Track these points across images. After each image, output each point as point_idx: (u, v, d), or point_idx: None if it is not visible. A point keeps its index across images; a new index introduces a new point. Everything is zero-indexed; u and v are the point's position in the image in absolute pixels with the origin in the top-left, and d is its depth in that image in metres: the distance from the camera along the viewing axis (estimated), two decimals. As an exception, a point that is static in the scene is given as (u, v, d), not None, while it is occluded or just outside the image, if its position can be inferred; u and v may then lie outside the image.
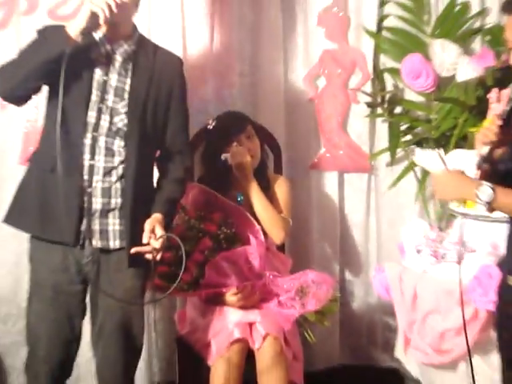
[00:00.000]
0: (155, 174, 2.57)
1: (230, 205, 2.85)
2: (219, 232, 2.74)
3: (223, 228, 2.76)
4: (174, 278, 2.36)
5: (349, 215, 3.49)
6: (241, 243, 2.77)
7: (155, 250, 2.35)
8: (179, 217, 2.72)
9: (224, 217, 2.79)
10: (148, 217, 2.39)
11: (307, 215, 3.41)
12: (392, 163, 3.40)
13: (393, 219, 3.46)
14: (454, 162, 2.20)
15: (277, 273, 2.85)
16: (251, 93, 3.33)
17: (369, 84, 3.37)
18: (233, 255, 2.73)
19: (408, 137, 3.35)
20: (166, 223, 2.42)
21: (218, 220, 2.78)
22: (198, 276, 2.67)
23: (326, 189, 3.45)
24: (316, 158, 3.41)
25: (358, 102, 3.39)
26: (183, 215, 2.76)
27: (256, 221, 2.86)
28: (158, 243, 2.34)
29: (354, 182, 3.47)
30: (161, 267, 2.55)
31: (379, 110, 3.37)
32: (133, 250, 2.36)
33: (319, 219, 3.44)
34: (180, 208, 2.71)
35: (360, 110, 3.40)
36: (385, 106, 3.34)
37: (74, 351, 2.50)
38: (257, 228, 2.84)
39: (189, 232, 2.73)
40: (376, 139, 3.44)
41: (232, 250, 2.73)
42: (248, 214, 2.85)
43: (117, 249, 2.41)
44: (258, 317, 2.73)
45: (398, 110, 3.39)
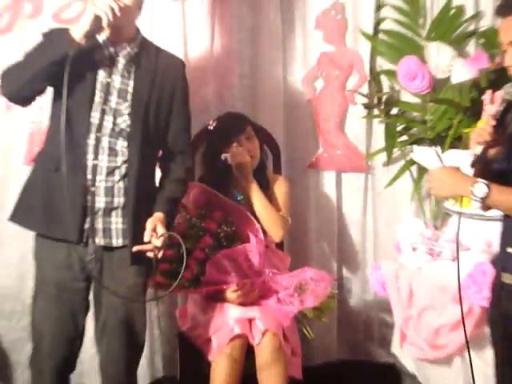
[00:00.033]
0: (158, 174, 2.57)
1: (230, 204, 2.86)
2: (219, 230, 2.75)
3: (223, 226, 2.76)
4: (176, 276, 2.37)
5: (346, 214, 3.50)
6: (241, 241, 2.78)
7: (156, 248, 2.35)
8: (181, 215, 2.73)
9: (224, 215, 2.80)
10: (150, 216, 2.39)
11: (306, 214, 3.41)
12: (388, 163, 3.41)
13: (389, 218, 3.46)
14: (450, 162, 2.20)
15: (276, 270, 2.86)
16: (251, 94, 3.33)
17: (366, 86, 3.37)
18: (233, 253, 2.73)
19: (404, 137, 3.36)
20: (168, 222, 2.42)
21: (219, 218, 2.78)
22: (199, 273, 2.68)
23: (324, 188, 3.45)
24: (314, 158, 3.41)
25: (356, 104, 3.39)
26: (184, 214, 2.77)
27: (255, 219, 2.87)
28: (160, 241, 2.35)
29: (352, 182, 3.47)
30: (162, 265, 2.56)
31: (376, 111, 3.38)
32: (135, 249, 2.36)
33: (317, 218, 3.44)
34: (181, 207, 2.72)
35: (357, 111, 3.40)
36: (381, 107, 3.35)
37: (78, 347, 2.49)
38: (256, 226, 2.84)
39: (190, 230, 2.73)
40: (373, 140, 3.44)
41: (232, 248, 2.74)
42: (248, 213, 2.85)
43: (120, 247, 2.41)
44: (258, 313, 2.73)
45: (395, 111, 3.39)
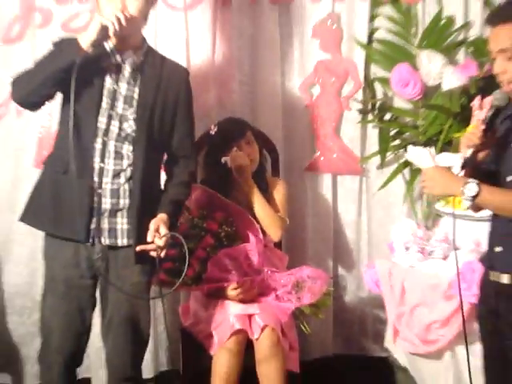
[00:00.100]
0: (163, 177, 2.57)
1: (231, 205, 2.85)
2: (220, 230, 2.75)
3: (224, 226, 2.76)
4: (179, 274, 2.36)
5: (342, 214, 3.49)
6: (241, 241, 2.78)
7: (159, 248, 2.35)
8: (183, 216, 2.72)
9: (225, 216, 2.80)
10: (154, 217, 2.38)
11: (303, 214, 3.41)
12: (382, 166, 3.41)
13: (383, 218, 3.46)
14: (441, 164, 2.20)
15: (274, 268, 2.86)
16: (250, 100, 3.33)
17: (360, 92, 3.37)
18: (233, 252, 2.73)
19: (397, 141, 3.36)
20: (171, 223, 2.41)
21: (220, 219, 2.78)
22: (201, 271, 2.68)
23: (321, 190, 3.45)
24: (311, 161, 3.41)
25: (350, 109, 3.39)
26: (187, 215, 2.76)
27: (255, 220, 2.87)
28: (162, 241, 2.34)
29: (347, 184, 3.47)
30: (166, 263, 2.56)
31: (370, 117, 3.38)
32: (138, 248, 2.36)
33: (314, 218, 3.43)
34: (184, 208, 2.72)
35: (352, 117, 3.40)
36: (375, 113, 3.35)
37: (85, 342, 2.49)
38: (256, 227, 2.84)
39: (192, 230, 2.73)
40: (367, 144, 3.43)
41: (232, 247, 2.74)
42: (247, 214, 2.86)
43: (125, 246, 2.41)
44: (257, 309, 2.73)
45: (388, 117, 3.39)
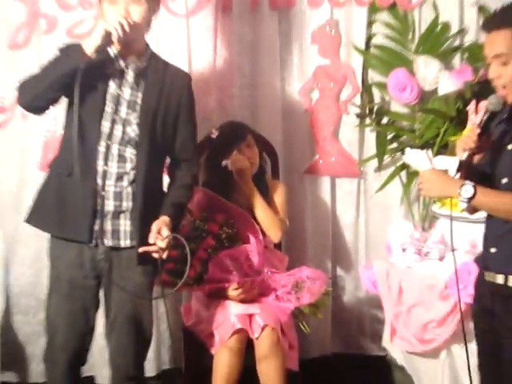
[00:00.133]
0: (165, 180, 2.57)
1: (232, 207, 2.85)
2: (221, 232, 2.75)
3: (225, 228, 2.76)
4: (181, 274, 2.36)
5: (340, 216, 3.49)
6: (241, 242, 2.78)
7: (161, 249, 2.34)
8: (185, 218, 2.72)
9: (226, 218, 2.80)
10: (156, 219, 2.38)
11: (302, 216, 3.41)
12: (379, 169, 3.41)
13: (380, 220, 3.46)
14: (438, 167, 2.21)
15: (274, 269, 2.86)
16: (251, 104, 3.33)
17: (358, 96, 3.38)
18: (234, 253, 2.73)
19: (394, 145, 3.36)
20: (174, 225, 2.40)
21: (221, 221, 2.78)
22: (202, 272, 2.68)
23: (319, 192, 3.45)
24: (310, 164, 3.41)
25: (349, 113, 3.39)
26: (189, 217, 2.76)
27: (255, 222, 2.87)
28: (164, 243, 2.33)
29: (345, 186, 3.47)
30: (168, 264, 2.55)
31: (368, 121, 3.38)
32: (140, 250, 2.36)
33: (313, 220, 3.43)
34: (186, 211, 2.72)
35: (350, 121, 3.40)
36: (373, 117, 3.35)
37: (89, 341, 2.49)
38: (256, 228, 2.84)
39: (194, 232, 2.73)
40: (365, 147, 3.44)
41: (233, 249, 2.74)
42: (248, 216, 2.85)
43: (127, 247, 2.40)
44: (257, 309, 2.73)
45: (385, 121, 3.39)
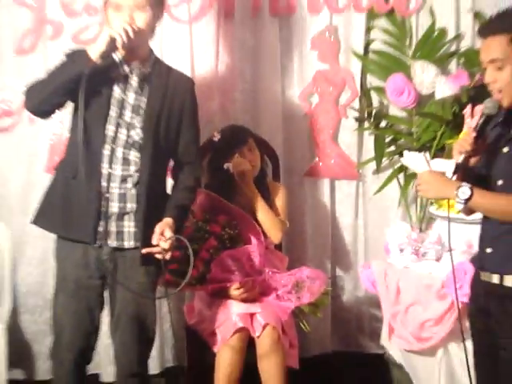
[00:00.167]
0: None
1: (234, 208, 2.85)
2: (223, 233, 2.75)
3: (227, 229, 2.76)
4: (184, 274, 2.36)
5: (339, 218, 3.49)
6: (243, 243, 2.78)
7: (164, 251, 2.34)
8: (188, 219, 2.73)
9: (228, 219, 2.80)
10: (160, 220, 2.38)
11: (302, 218, 3.41)
12: (378, 171, 3.41)
13: (378, 221, 3.45)
14: (435, 169, 2.21)
15: (275, 269, 2.86)
16: (252, 108, 3.33)
17: (357, 101, 3.38)
18: (236, 253, 2.73)
19: (392, 148, 3.36)
20: (178, 227, 2.40)
21: (223, 222, 2.78)
22: (205, 272, 2.68)
23: (319, 194, 3.45)
24: (310, 167, 3.42)
25: (348, 117, 3.39)
26: (191, 218, 2.76)
27: (257, 223, 2.87)
28: (167, 244, 2.33)
29: (344, 188, 3.47)
30: (171, 265, 2.55)
31: (366, 124, 3.37)
32: (144, 251, 2.36)
33: (313, 221, 3.43)
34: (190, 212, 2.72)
35: (349, 124, 3.40)
36: (371, 121, 3.35)
37: (94, 341, 2.49)
38: (257, 229, 2.84)
39: (196, 233, 2.73)
40: (363, 150, 3.44)
41: (235, 249, 2.74)
42: (249, 217, 2.85)
43: (131, 248, 2.40)
44: (259, 308, 2.74)
45: (383, 124, 3.39)
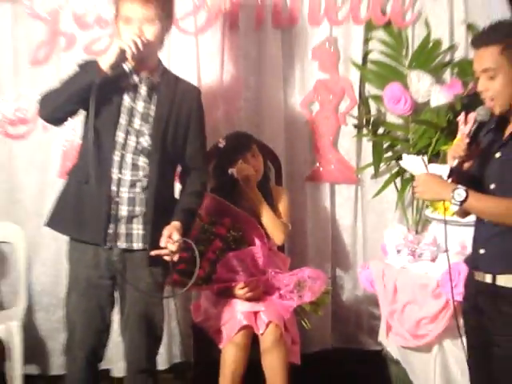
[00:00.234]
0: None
1: (238, 211, 2.85)
2: (228, 235, 2.75)
3: (232, 231, 2.76)
4: (190, 275, 2.36)
5: (339, 220, 3.49)
6: (247, 244, 2.78)
7: (172, 253, 2.34)
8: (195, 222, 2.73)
9: (233, 222, 2.80)
10: (168, 223, 2.38)
11: (304, 220, 3.41)
12: (376, 176, 3.41)
13: (376, 224, 3.45)
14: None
15: (278, 270, 2.86)
16: (256, 115, 3.34)
17: (356, 108, 3.38)
18: (240, 255, 2.74)
19: (389, 153, 3.37)
20: (185, 230, 2.40)
21: (228, 225, 2.78)
22: (211, 272, 2.68)
23: (320, 198, 3.45)
24: (311, 172, 3.42)
25: (347, 124, 3.40)
26: (198, 221, 2.76)
27: (260, 225, 2.87)
28: (174, 247, 2.33)
29: (344, 192, 3.47)
30: (179, 265, 2.55)
31: (365, 131, 3.38)
32: (152, 253, 2.36)
33: (314, 224, 3.43)
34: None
35: (348, 131, 3.41)
36: (369, 127, 3.35)
37: (105, 339, 2.49)
38: (261, 232, 2.84)
39: (202, 235, 2.73)
40: (362, 155, 3.44)
41: (240, 250, 2.74)
42: (253, 220, 2.85)
43: (140, 249, 2.41)
44: (262, 307, 2.74)
45: (381, 131, 3.40)
